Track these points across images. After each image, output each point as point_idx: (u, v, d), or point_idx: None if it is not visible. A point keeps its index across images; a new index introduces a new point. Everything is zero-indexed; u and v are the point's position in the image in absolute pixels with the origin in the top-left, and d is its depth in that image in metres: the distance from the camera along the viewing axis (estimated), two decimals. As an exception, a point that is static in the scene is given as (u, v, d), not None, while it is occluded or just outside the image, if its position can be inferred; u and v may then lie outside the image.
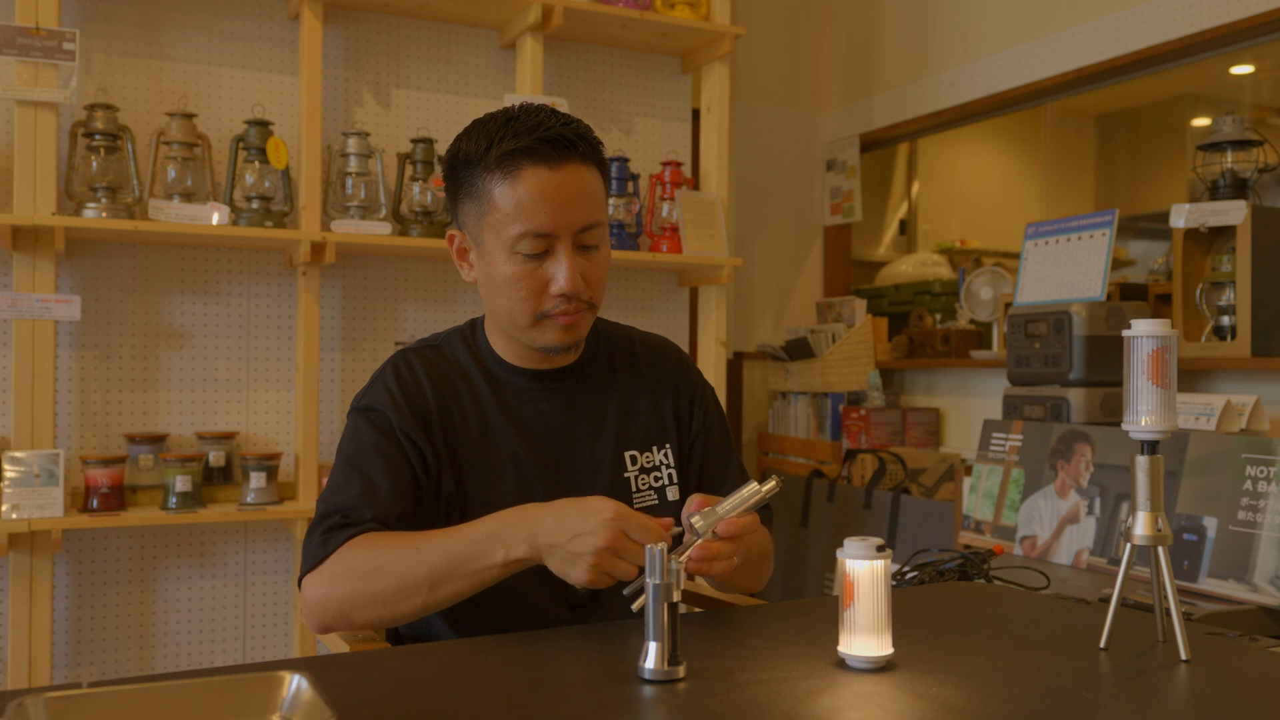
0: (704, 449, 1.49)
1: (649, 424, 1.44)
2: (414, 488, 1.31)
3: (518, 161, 1.26)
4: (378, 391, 1.36)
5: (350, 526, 1.24)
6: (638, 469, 1.42)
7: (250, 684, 0.86)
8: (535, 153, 1.25)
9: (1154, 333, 1.07)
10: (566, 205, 1.26)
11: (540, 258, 1.28)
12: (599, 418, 1.41)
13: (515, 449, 1.36)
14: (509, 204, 1.26)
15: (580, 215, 1.27)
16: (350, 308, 2.92)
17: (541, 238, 1.26)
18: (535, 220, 1.25)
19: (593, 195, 1.29)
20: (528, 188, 1.25)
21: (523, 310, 1.30)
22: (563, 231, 1.27)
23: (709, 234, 3.10)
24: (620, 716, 0.87)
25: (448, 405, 1.36)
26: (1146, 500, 1.09)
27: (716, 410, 1.53)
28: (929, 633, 1.15)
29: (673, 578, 0.96)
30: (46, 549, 2.46)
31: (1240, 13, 2.76)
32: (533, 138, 1.25)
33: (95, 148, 2.53)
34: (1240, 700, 0.96)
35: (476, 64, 3.07)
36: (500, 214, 1.27)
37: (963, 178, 5.31)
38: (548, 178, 1.25)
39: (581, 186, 1.28)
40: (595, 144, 1.31)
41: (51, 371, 2.47)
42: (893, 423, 3.65)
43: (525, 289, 1.28)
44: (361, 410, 1.36)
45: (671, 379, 1.48)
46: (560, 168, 1.26)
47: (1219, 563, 1.87)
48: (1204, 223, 2.54)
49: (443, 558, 1.17)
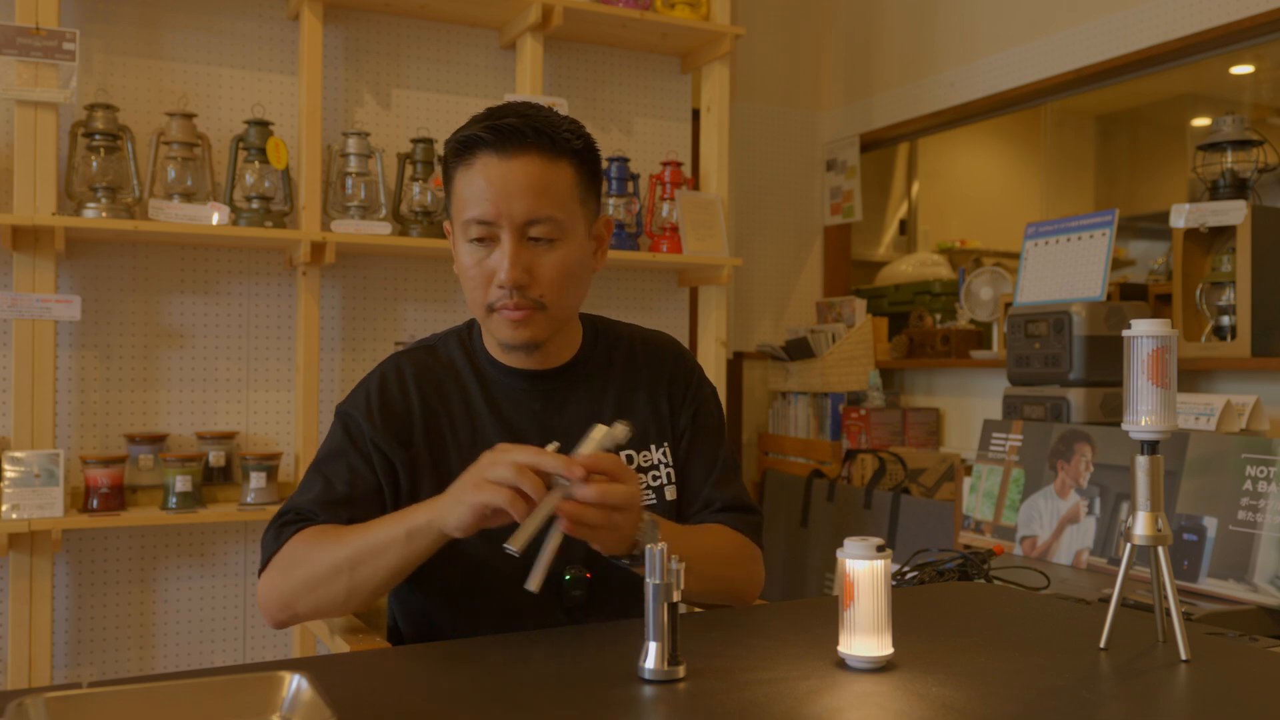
0: (689, 446, 1.45)
1: (646, 422, 1.42)
2: (375, 497, 1.32)
3: (473, 149, 1.27)
4: (358, 398, 1.37)
5: (298, 523, 1.26)
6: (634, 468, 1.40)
7: (250, 684, 0.86)
8: (487, 141, 1.26)
9: (1154, 333, 1.07)
10: (511, 195, 1.25)
11: (487, 245, 1.28)
12: (594, 417, 1.39)
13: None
14: (463, 190, 1.28)
15: (524, 207, 1.25)
16: (350, 308, 2.92)
17: (483, 225, 1.26)
18: (479, 207, 1.26)
19: (546, 189, 1.26)
20: (477, 175, 1.26)
21: (475, 300, 1.31)
22: (504, 221, 1.26)
23: (709, 234, 3.10)
24: (620, 716, 0.87)
25: (435, 412, 1.36)
26: (1146, 500, 1.09)
27: (712, 409, 1.49)
28: (929, 633, 1.15)
29: (673, 578, 0.96)
30: (46, 549, 2.46)
31: (1240, 13, 2.76)
32: (483, 125, 1.26)
33: (95, 148, 2.53)
34: (1240, 700, 0.96)
35: (476, 64, 3.07)
36: (458, 201, 1.29)
37: (963, 178, 5.31)
38: (496, 166, 1.26)
39: (531, 179, 1.25)
40: (563, 136, 1.28)
41: (51, 371, 2.47)
42: (893, 423, 3.65)
43: (474, 278, 1.29)
44: (339, 414, 1.37)
45: (668, 376, 1.46)
46: (512, 157, 1.25)
47: (1219, 563, 1.87)
48: (1204, 223, 2.54)
49: (359, 538, 1.20)
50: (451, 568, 1.33)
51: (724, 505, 1.42)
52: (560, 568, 1.34)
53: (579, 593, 1.33)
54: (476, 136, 1.26)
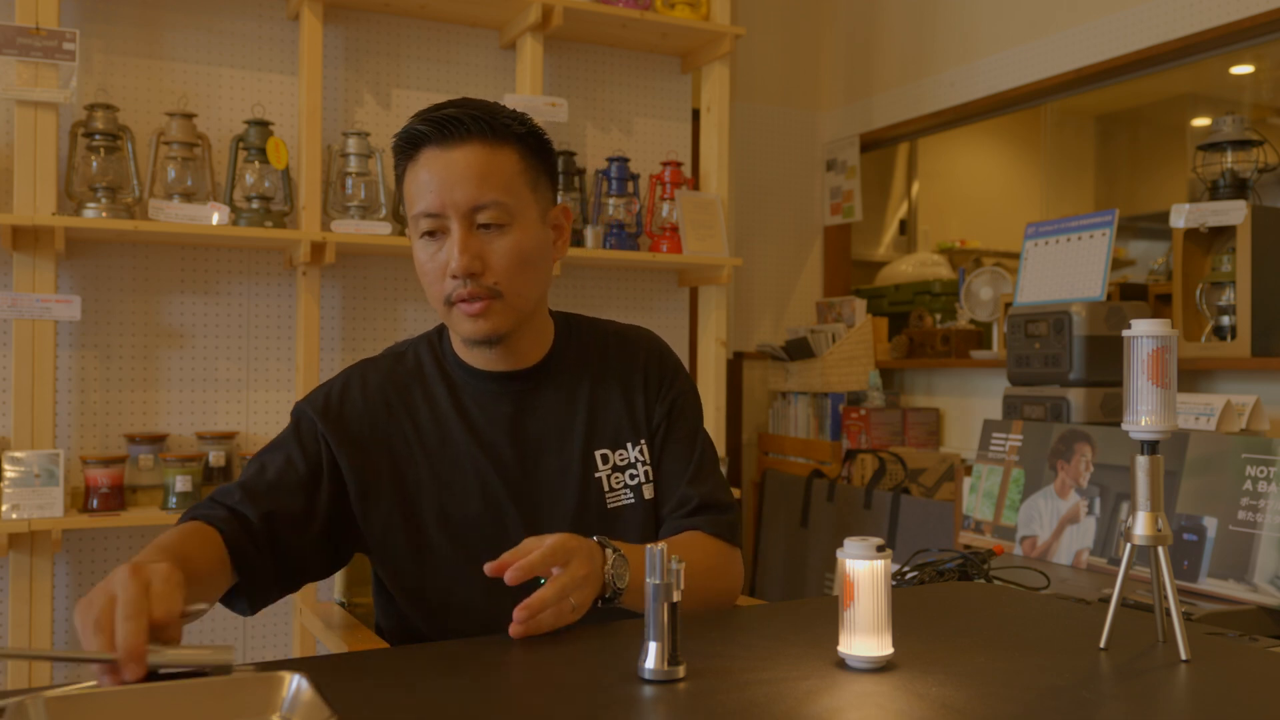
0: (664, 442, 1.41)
1: (620, 420, 1.39)
2: (303, 492, 1.28)
3: (416, 145, 1.27)
4: (316, 396, 1.36)
5: (206, 508, 1.24)
6: (610, 468, 1.37)
7: (250, 684, 0.86)
8: (427, 135, 1.26)
9: (1154, 333, 1.07)
10: (454, 184, 1.25)
11: (438, 239, 1.27)
12: (567, 417, 1.37)
13: (476, 459, 1.33)
14: (412, 187, 1.28)
15: (468, 194, 1.24)
16: (350, 308, 2.92)
17: (431, 217, 1.26)
18: (425, 199, 1.26)
19: (489, 174, 1.25)
20: (423, 168, 1.26)
21: (434, 296, 1.30)
22: (450, 210, 1.25)
23: (709, 234, 3.10)
24: (620, 716, 0.87)
25: (400, 421, 1.34)
26: (1146, 500, 1.09)
27: (688, 403, 1.44)
28: (929, 633, 1.15)
29: (673, 578, 0.96)
30: (46, 549, 2.46)
31: (1240, 13, 2.76)
32: (423, 118, 1.26)
33: (95, 148, 2.53)
34: (1240, 700, 0.96)
35: (476, 64, 3.07)
36: (407, 198, 1.29)
37: (963, 178, 5.31)
38: (438, 157, 1.25)
39: (475, 166, 1.25)
40: (503, 122, 1.27)
41: (51, 371, 2.47)
42: (893, 423, 3.65)
43: (429, 273, 1.28)
44: (295, 409, 1.36)
45: (642, 371, 1.42)
46: (453, 148, 1.25)
47: (1219, 563, 1.87)
48: (1204, 223, 2.54)
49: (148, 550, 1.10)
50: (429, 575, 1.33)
51: (699, 504, 1.37)
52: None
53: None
54: (418, 131, 1.26)
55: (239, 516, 1.23)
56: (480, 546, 1.30)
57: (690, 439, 1.42)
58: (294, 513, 1.27)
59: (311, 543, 1.29)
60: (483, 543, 1.31)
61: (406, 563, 1.33)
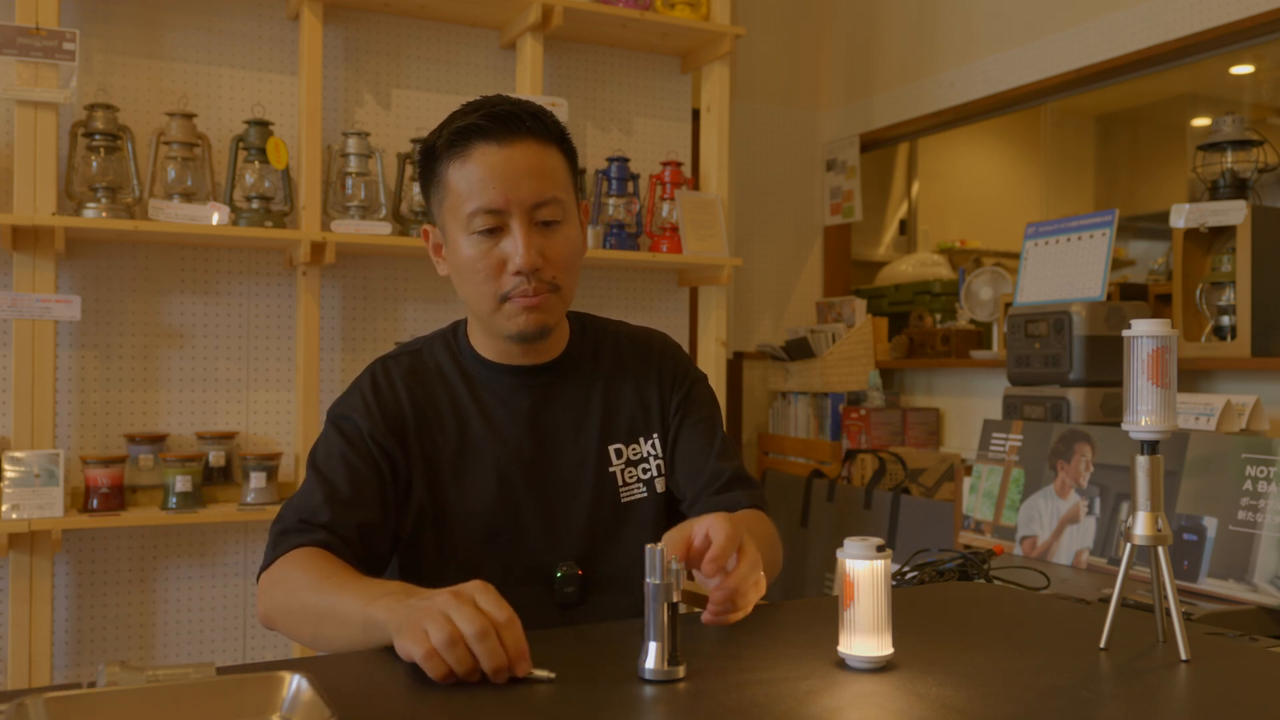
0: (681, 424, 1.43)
1: (634, 415, 1.42)
2: (378, 498, 1.30)
3: (468, 140, 1.26)
4: (353, 399, 1.36)
5: (302, 533, 1.24)
6: (623, 462, 1.40)
7: (250, 684, 0.86)
8: (483, 130, 1.25)
9: (1154, 333, 1.07)
10: (517, 180, 1.25)
11: (495, 235, 1.27)
12: (582, 412, 1.40)
13: (496, 454, 1.35)
14: (462, 184, 1.26)
15: (532, 190, 1.26)
16: (350, 308, 2.92)
17: (493, 214, 1.26)
18: (486, 196, 1.25)
19: (547, 171, 1.27)
20: (477, 165, 1.25)
21: (484, 293, 1.29)
22: (514, 207, 1.25)
23: (709, 234, 3.10)
24: (620, 716, 0.87)
25: (425, 414, 1.35)
26: (1146, 500, 1.09)
27: (703, 398, 1.47)
28: (929, 633, 1.15)
29: (673, 578, 0.96)
30: (46, 549, 2.46)
31: (1240, 13, 2.76)
32: (478, 115, 1.25)
33: (95, 148, 2.53)
34: (1240, 700, 0.96)
35: (476, 64, 3.07)
36: (456, 196, 1.27)
37: (963, 178, 5.31)
38: (497, 153, 1.25)
39: (533, 162, 1.26)
40: (550, 122, 1.29)
41: (51, 371, 2.47)
42: (893, 423, 3.65)
43: (484, 270, 1.27)
44: (334, 418, 1.36)
45: (656, 367, 1.45)
46: (510, 144, 1.25)
47: (1219, 563, 1.87)
48: (1204, 223, 2.54)
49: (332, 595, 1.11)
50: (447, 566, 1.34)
51: (733, 477, 1.40)
52: (552, 565, 1.35)
53: (571, 589, 1.34)
54: (473, 126, 1.25)
55: (338, 534, 1.25)
56: (495, 537, 1.34)
57: (710, 421, 1.45)
58: (375, 520, 1.29)
59: (389, 544, 1.33)
60: (498, 533, 1.34)
61: (429, 553, 1.35)
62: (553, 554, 1.35)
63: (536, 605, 1.32)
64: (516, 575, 1.31)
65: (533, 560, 1.34)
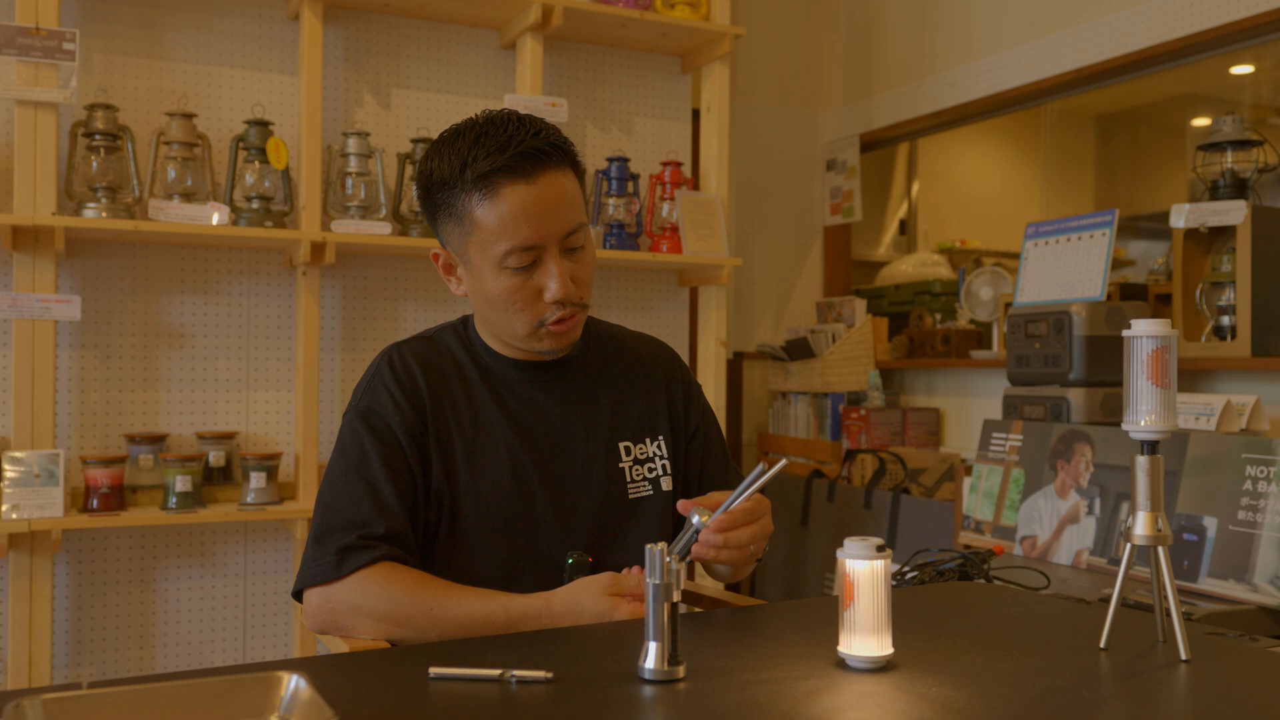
0: (704, 447, 1.52)
1: (642, 416, 1.46)
2: (414, 493, 1.33)
3: (495, 180, 1.26)
4: (378, 393, 1.36)
5: (366, 550, 1.26)
6: (632, 459, 1.44)
7: (249, 684, 0.86)
8: (511, 170, 1.26)
9: (1154, 333, 1.07)
10: (549, 216, 1.28)
11: (529, 269, 1.29)
12: (592, 409, 1.43)
13: (510, 441, 1.37)
14: (492, 222, 1.27)
15: (563, 223, 1.29)
16: (350, 308, 2.92)
17: (528, 251, 1.28)
18: (520, 235, 1.27)
19: (571, 200, 1.31)
20: (509, 205, 1.26)
21: (520, 322, 1.32)
22: (548, 241, 1.29)
23: (709, 234, 3.10)
24: (620, 716, 0.87)
25: (440, 399, 1.37)
26: (1146, 500, 1.09)
27: (709, 408, 1.58)
28: (929, 633, 1.15)
29: (673, 578, 0.96)
30: (46, 549, 2.46)
31: (1240, 13, 2.76)
32: (506, 156, 1.26)
33: (95, 148, 2.53)
34: (1240, 700, 0.96)
35: (476, 64, 3.07)
36: (485, 233, 1.28)
37: (963, 178, 5.31)
38: (526, 192, 1.27)
39: (560, 194, 1.29)
40: (567, 149, 1.33)
41: (51, 371, 2.47)
42: (893, 423, 3.65)
43: (520, 301, 1.30)
44: (362, 412, 1.36)
45: (665, 374, 1.52)
46: (537, 180, 1.27)
47: (1219, 563, 1.87)
48: (1204, 223, 2.54)
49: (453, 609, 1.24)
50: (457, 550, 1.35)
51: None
52: (561, 554, 1.36)
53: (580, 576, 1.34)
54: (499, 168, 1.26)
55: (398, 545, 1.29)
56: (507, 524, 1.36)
57: (720, 441, 1.57)
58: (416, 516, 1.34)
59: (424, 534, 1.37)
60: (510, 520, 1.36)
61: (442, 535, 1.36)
62: (561, 544, 1.37)
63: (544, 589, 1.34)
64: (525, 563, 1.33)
65: (541, 549, 1.36)
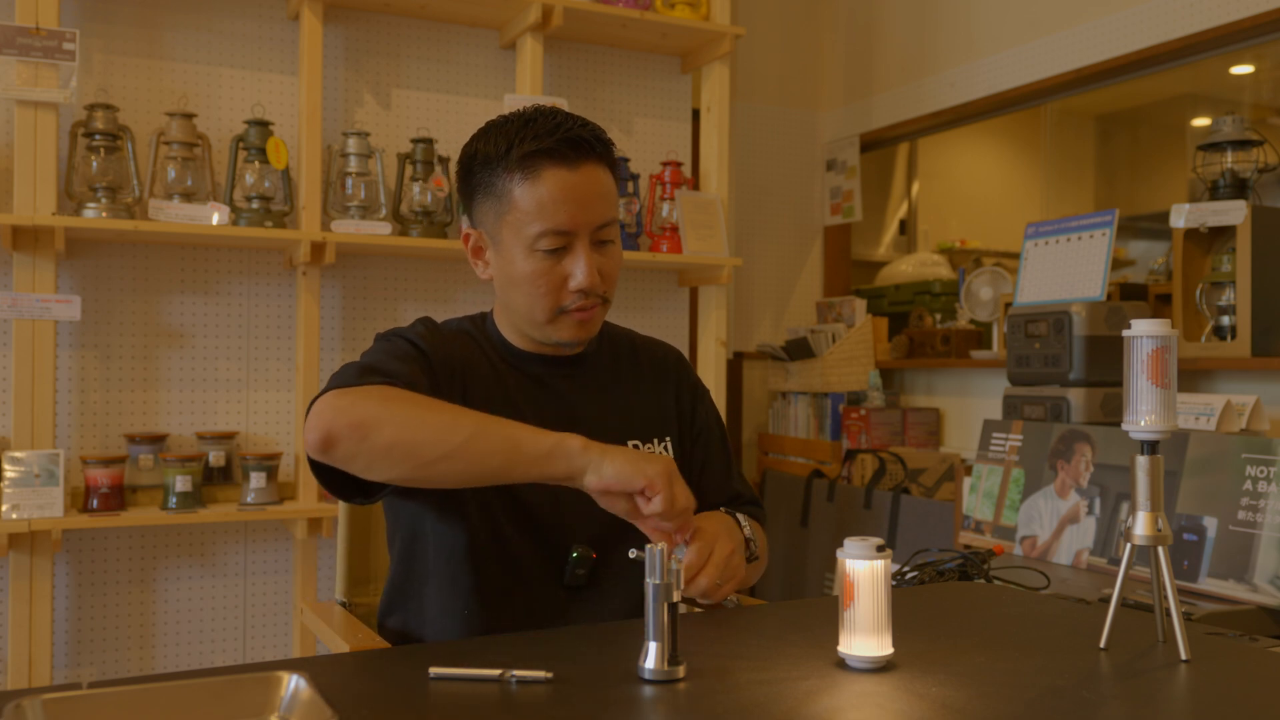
0: (706, 449, 1.54)
1: (650, 416, 1.49)
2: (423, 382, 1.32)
3: (538, 162, 1.30)
4: (409, 329, 1.38)
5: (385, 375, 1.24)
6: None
7: (249, 684, 0.86)
8: (555, 154, 1.30)
9: (1154, 333, 1.07)
10: (585, 204, 1.31)
11: (559, 254, 1.32)
12: (605, 405, 1.45)
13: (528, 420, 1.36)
14: (530, 203, 1.30)
15: (598, 213, 1.32)
16: (350, 308, 2.92)
17: (561, 235, 1.31)
18: (556, 219, 1.30)
19: (608, 194, 1.34)
20: (549, 187, 1.30)
21: (541, 306, 1.34)
22: (581, 229, 1.31)
23: (709, 234, 3.10)
24: (620, 716, 0.87)
25: (469, 365, 1.38)
26: (1146, 500, 1.09)
27: (716, 412, 1.59)
28: (929, 633, 1.15)
29: (673, 578, 0.96)
30: (46, 549, 2.46)
31: (1240, 13, 2.76)
32: (554, 139, 1.29)
33: (95, 148, 2.53)
34: (1240, 700, 0.96)
35: (476, 64, 3.07)
36: (520, 213, 1.31)
37: (963, 178, 5.30)
38: (567, 178, 1.30)
39: (598, 186, 1.33)
40: (609, 145, 1.36)
41: (51, 371, 2.47)
42: (893, 423, 3.65)
43: (545, 285, 1.32)
44: (389, 334, 1.37)
45: (673, 376, 1.54)
46: (579, 168, 1.31)
47: (1219, 563, 1.87)
48: (1204, 223, 2.54)
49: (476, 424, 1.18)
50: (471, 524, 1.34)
51: (748, 500, 1.55)
52: (567, 545, 1.35)
53: (582, 572, 1.35)
54: (544, 150, 1.29)
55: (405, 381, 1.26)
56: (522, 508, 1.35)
57: (723, 441, 1.58)
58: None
59: None
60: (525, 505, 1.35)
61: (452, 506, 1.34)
62: (567, 536, 1.37)
63: (543, 584, 1.35)
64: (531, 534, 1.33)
65: (546, 538, 1.36)
